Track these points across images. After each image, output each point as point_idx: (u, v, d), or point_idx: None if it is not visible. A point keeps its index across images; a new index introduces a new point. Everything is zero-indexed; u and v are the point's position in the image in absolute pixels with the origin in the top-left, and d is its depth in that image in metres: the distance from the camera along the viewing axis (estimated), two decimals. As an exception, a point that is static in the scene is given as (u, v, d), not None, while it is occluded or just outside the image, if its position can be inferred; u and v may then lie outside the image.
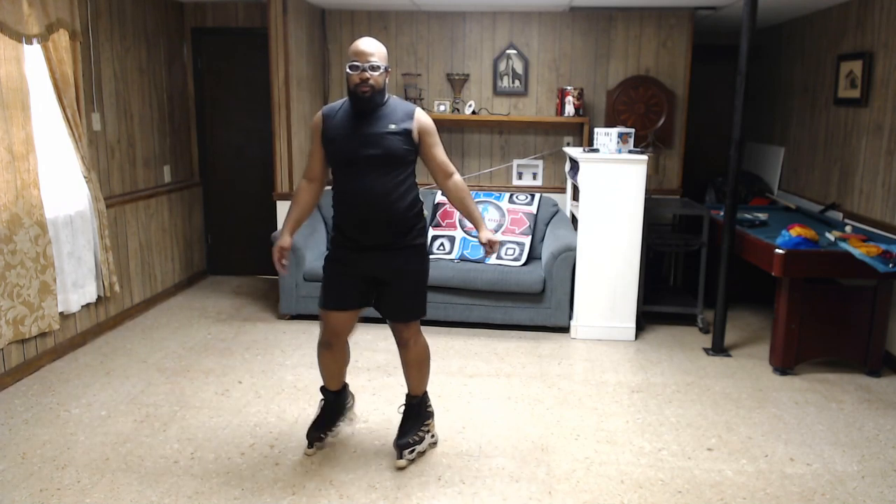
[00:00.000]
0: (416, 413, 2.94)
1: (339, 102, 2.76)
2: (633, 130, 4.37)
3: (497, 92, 5.34)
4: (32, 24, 3.47)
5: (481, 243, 2.79)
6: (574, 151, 4.54)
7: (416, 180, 2.79)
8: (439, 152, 2.76)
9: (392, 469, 2.81)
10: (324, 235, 4.96)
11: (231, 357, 3.98)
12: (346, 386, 3.05)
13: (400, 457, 2.83)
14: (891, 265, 3.47)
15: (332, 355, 2.87)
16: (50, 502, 2.55)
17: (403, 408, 2.97)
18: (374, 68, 2.57)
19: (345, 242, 2.72)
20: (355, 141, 2.61)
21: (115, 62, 4.40)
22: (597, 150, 4.39)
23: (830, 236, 3.85)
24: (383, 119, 2.64)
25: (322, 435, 2.95)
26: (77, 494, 2.60)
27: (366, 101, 2.60)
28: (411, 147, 2.68)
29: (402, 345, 2.87)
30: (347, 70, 2.60)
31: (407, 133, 2.65)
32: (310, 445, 2.93)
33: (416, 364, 2.90)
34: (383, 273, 2.73)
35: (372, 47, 2.59)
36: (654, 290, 4.88)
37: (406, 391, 2.97)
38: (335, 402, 3.00)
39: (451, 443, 3.04)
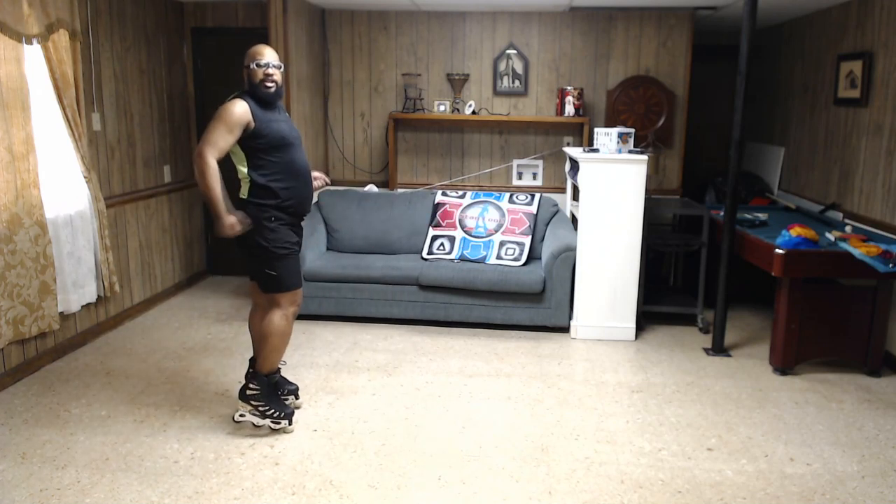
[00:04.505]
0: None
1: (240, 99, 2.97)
2: (633, 130, 4.37)
3: (497, 92, 5.34)
4: (32, 24, 3.47)
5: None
6: (574, 151, 4.54)
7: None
8: None
9: (392, 469, 2.81)
10: (324, 235, 4.96)
11: (231, 357, 3.98)
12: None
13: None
14: (891, 265, 3.47)
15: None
16: (50, 502, 2.55)
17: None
18: (277, 67, 3.00)
19: (291, 220, 3.04)
20: (285, 125, 3.02)
21: (115, 62, 4.40)
22: (597, 150, 4.39)
23: (830, 236, 3.85)
24: (282, 109, 3.12)
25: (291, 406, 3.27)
26: (77, 494, 2.60)
27: (275, 94, 3.00)
28: None
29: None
30: (254, 66, 2.93)
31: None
32: (290, 422, 3.13)
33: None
34: (301, 238, 3.17)
35: (273, 52, 3.01)
36: (654, 290, 4.88)
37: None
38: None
39: (451, 443, 3.04)
